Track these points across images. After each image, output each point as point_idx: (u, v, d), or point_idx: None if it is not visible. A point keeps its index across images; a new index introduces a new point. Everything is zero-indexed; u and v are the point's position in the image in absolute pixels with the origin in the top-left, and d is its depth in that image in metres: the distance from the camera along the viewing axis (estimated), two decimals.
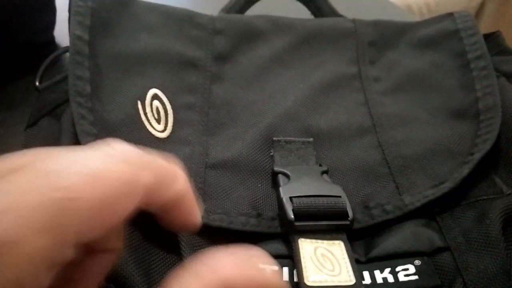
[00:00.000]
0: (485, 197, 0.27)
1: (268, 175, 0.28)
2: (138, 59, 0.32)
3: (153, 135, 0.29)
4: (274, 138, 0.30)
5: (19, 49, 0.42)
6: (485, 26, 1.74)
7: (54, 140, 0.30)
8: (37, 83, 0.35)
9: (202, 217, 0.24)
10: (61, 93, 0.32)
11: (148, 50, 0.33)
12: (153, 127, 0.29)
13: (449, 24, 0.37)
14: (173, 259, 0.24)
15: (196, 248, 0.24)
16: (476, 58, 0.34)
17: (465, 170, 0.27)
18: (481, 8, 1.75)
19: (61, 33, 0.45)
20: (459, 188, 0.27)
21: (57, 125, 0.30)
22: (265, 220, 0.26)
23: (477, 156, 0.28)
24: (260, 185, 0.28)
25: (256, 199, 0.27)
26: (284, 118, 0.31)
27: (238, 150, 0.29)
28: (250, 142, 0.30)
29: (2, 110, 0.38)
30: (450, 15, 0.38)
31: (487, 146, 0.28)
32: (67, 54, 0.37)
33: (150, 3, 0.36)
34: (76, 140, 0.27)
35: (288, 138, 0.30)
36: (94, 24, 0.32)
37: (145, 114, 0.29)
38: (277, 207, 0.26)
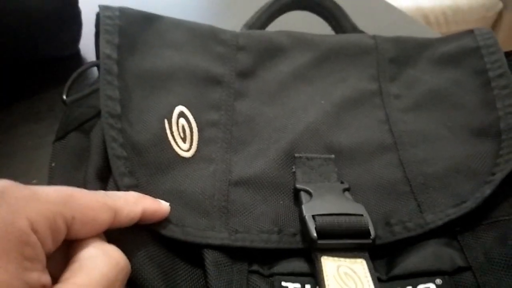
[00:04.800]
0: (506, 217, 0.27)
1: (290, 192, 0.29)
2: (164, 76, 0.33)
3: (179, 155, 0.29)
4: (295, 155, 0.30)
5: (46, 62, 0.43)
6: (503, 35, 1.72)
7: (81, 154, 0.31)
8: (64, 97, 0.36)
9: (225, 238, 0.25)
10: (89, 108, 0.33)
11: (174, 67, 0.33)
12: (179, 146, 0.30)
13: (470, 41, 0.37)
14: (198, 275, 0.24)
15: (219, 265, 0.24)
16: (497, 76, 0.34)
17: (487, 190, 0.27)
18: (498, 17, 1.74)
19: (86, 46, 0.46)
20: (480, 207, 0.27)
21: (85, 140, 0.31)
22: (286, 236, 0.26)
23: (499, 176, 0.28)
24: (282, 201, 0.28)
25: (278, 216, 0.27)
26: (306, 134, 0.32)
27: (261, 167, 0.30)
28: (272, 158, 0.30)
29: (30, 122, 0.39)
30: (470, 32, 0.38)
31: (508, 167, 0.28)
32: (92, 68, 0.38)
33: (175, 19, 0.37)
34: (105, 159, 0.27)
35: (310, 155, 0.31)
36: (122, 42, 0.32)
37: (172, 133, 0.30)
38: (298, 223, 0.27)
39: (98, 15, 0.34)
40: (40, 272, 0.19)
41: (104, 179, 0.28)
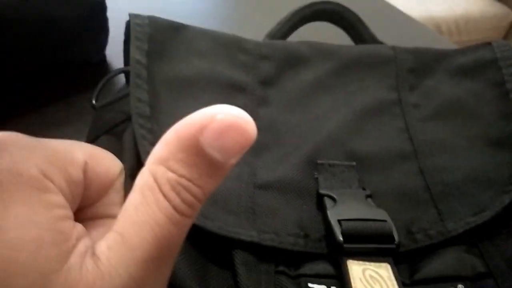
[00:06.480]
0: None
1: (313, 197, 0.30)
2: (190, 83, 0.34)
3: None
4: (318, 161, 0.31)
5: (73, 68, 0.45)
6: None
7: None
8: (93, 102, 0.37)
9: (254, 236, 0.26)
10: (119, 112, 0.35)
11: (199, 74, 0.35)
12: None
13: (488, 53, 0.38)
14: (228, 274, 0.25)
15: (248, 264, 0.25)
16: None
17: (506, 200, 0.28)
18: (511, 27, 1.74)
19: (112, 53, 0.48)
20: (500, 216, 0.28)
21: (117, 143, 0.32)
22: (312, 241, 0.27)
23: None
24: (305, 206, 0.29)
25: (302, 220, 0.28)
26: (327, 141, 0.33)
27: (284, 172, 0.31)
28: (295, 164, 0.31)
29: (59, 126, 0.41)
30: (488, 44, 0.39)
31: None
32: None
33: (201, 29, 0.38)
34: (138, 159, 0.29)
35: (332, 162, 0.31)
36: (151, 48, 0.34)
37: None
38: (322, 228, 0.28)
39: (128, 23, 0.36)
40: (73, 221, 0.17)
41: None
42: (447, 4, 1.62)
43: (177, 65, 0.34)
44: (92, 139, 0.34)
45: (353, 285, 0.23)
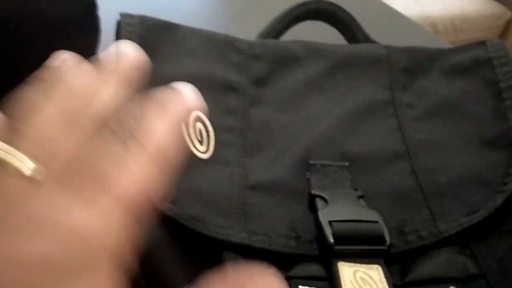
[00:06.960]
0: None
1: (305, 198, 0.30)
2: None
3: (196, 156, 0.30)
4: (310, 162, 0.31)
5: None
6: (511, 44, 1.73)
7: None
8: None
9: (244, 238, 0.26)
10: None
11: (191, 74, 0.34)
12: (196, 148, 0.31)
13: (481, 52, 0.38)
14: None
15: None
16: (508, 87, 0.35)
17: (499, 200, 0.28)
18: (507, 26, 1.74)
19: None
20: (492, 216, 0.28)
21: None
22: (303, 243, 0.27)
23: (511, 186, 0.28)
24: (297, 207, 0.29)
25: (294, 221, 0.28)
26: (320, 141, 0.32)
27: (276, 173, 0.30)
28: (287, 165, 0.31)
29: None
30: (482, 43, 0.39)
31: None
32: None
33: (192, 28, 0.38)
34: None
35: (324, 162, 0.31)
36: (141, 48, 0.33)
37: (189, 135, 0.31)
38: (314, 230, 0.27)
39: (118, 23, 0.35)
40: None
41: None
42: (444, 3, 1.62)
43: (168, 65, 0.34)
44: None
45: (343, 287, 0.23)
